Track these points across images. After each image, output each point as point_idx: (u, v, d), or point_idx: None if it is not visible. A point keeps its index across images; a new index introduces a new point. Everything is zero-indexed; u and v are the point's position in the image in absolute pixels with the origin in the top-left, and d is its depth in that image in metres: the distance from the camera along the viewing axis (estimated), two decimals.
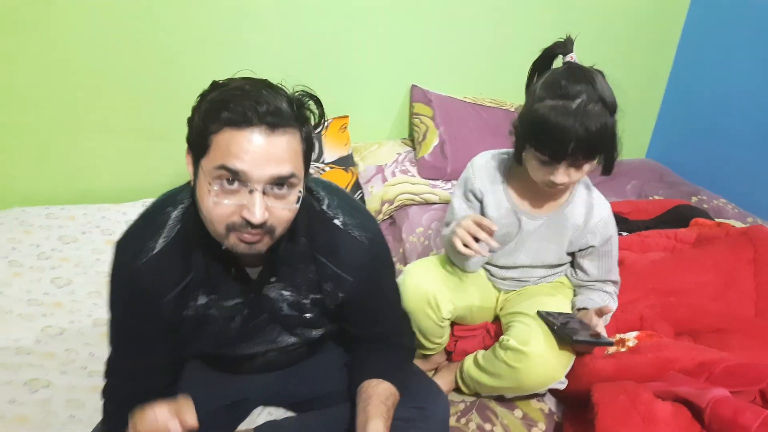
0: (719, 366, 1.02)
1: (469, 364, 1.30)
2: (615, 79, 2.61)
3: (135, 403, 0.92)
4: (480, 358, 1.27)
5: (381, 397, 1.00)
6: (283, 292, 0.99)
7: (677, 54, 2.60)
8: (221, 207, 0.78)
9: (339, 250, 0.97)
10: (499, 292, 1.42)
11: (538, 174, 1.13)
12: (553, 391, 1.24)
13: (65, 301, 1.56)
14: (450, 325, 1.37)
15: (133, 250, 0.88)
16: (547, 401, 1.27)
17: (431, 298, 1.24)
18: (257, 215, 0.76)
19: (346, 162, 2.13)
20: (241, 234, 0.80)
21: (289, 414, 1.24)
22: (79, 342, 1.44)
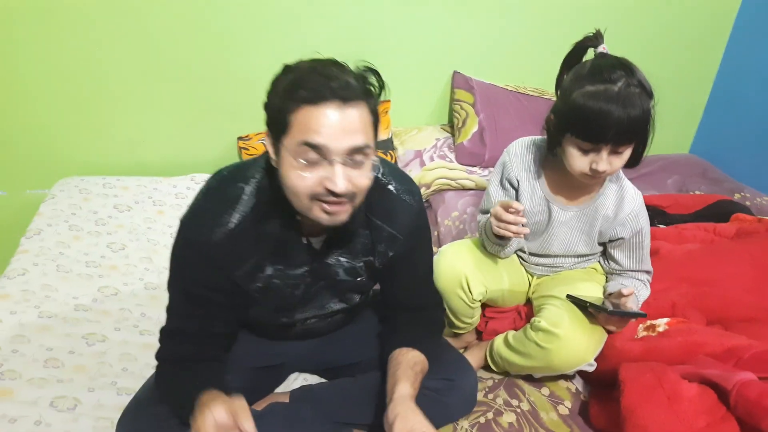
0: (748, 352, 1.03)
1: (499, 343, 1.33)
2: (663, 74, 2.58)
3: (190, 370, 1.01)
4: (510, 338, 1.30)
5: (410, 363, 1.05)
6: (341, 258, 1.05)
7: (727, 49, 2.54)
8: (306, 180, 0.84)
9: (393, 212, 1.05)
10: (532, 276, 1.44)
11: (578, 163, 1.12)
12: (581, 373, 1.26)
13: (120, 265, 1.66)
14: (481, 307, 1.40)
15: (208, 224, 0.94)
16: (575, 381, 1.30)
17: (463, 279, 1.28)
18: (339, 185, 0.83)
19: (385, 145, 2.17)
20: (324, 205, 0.86)
21: (322, 381, 1.30)
22: (132, 303, 1.53)
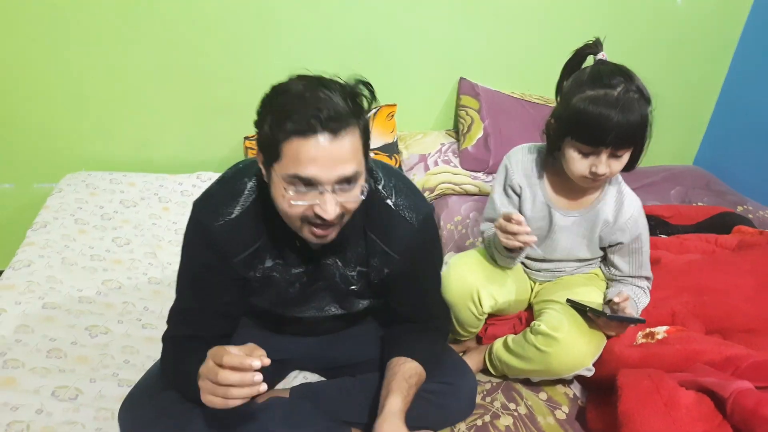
0: (746, 361, 1.03)
1: (499, 346, 1.33)
2: (668, 85, 2.58)
3: (193, 349, 1.00)
4: (510, 341, 1.30)
5: (405, 375, 1.06)
6: (338, 262, 1.06)
7: (733, 62, 2.54)
8: (296, 207, 0.86)
9: (389, 229, 1.03)
10: (535, 282, 1.45)
11: (577, 167, 1.14)
12: (579, 378, 1.27)
13: (124, 259, 1.68)
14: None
15: (212, 211, 0.98)
16: (573, 386, 1.30)
17: (474, 292, 1.28)
18: (329, 213, 0.85)
19: (390, 149, 2.19)
20: (313, 228, 0.89)
21: (323, 379, 1.31)
22: (136, 296, 1.55)
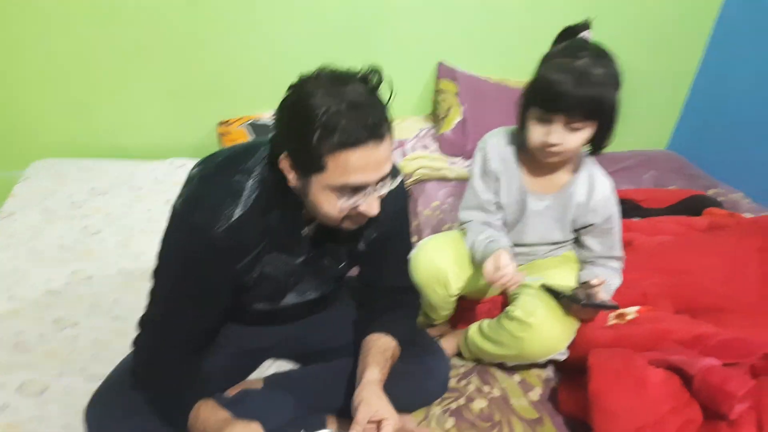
0: (713, 339, 1.05)
1: (474, 331, 1.34)
2: (643, 70, 2.60)
3: (176, 364, 1.00)
4: (485, 326, 1.31)
5: (380, 349, 1.06)
6: (328, 243, 1.05)
7: (707, 48, 2.57)
8: (341, 209, 0.88)
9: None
10: None
11: (534, 135, 1.15)
12: (552, 360, 1.28)
13: (94, 249, 1.64)
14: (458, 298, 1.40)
15: (209, 216, 0.91)
16: (546, 369, 1.32)
17: (442, 275, 1.27)
18: (375, 212, 0.89)
19: None
20: (354, 220, 0.92)
21: (297, 367, 1.30)
22: (106, 288, 1.51)
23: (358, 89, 0.83)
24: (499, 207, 1.32)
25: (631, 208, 1.86)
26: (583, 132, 1.12)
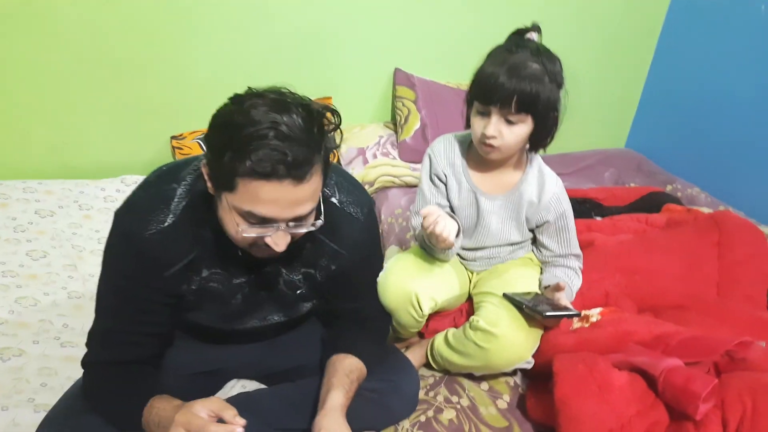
0: (675, 338, 1.05)
1: (440, 342, 1.31)
2: (598, 71, 2.65)
3: (126, 372, 0.96)
4: (450, 336, 1.29)
5: (346, 370, 1.03)
6: (282, 269, 1.01)
7: (658, 47, 2.63)
8: (245, 237, 0.84)
9: (337, 227, 1.00)
10: (472, 273, 1.44)
11: (474, 128, 1.17)
12: (519, 368, 1.26)
13: (40, 274, 1.56)
14: None
15: (140, 219, 0.90)
16: (513, 376, 1.30)
17: (413, 297, 1.23)
18: (281, 248, 0.84)
19: None
20: (262, 250, 0.87)
21: (262, 387, 1.25)
22: (53, 313, 1.44)
23: (295, 121, 0.76)
24: (451, 210, 1.32)
25: (593, 206, 1.88)
26: (520, 126, 1.14)
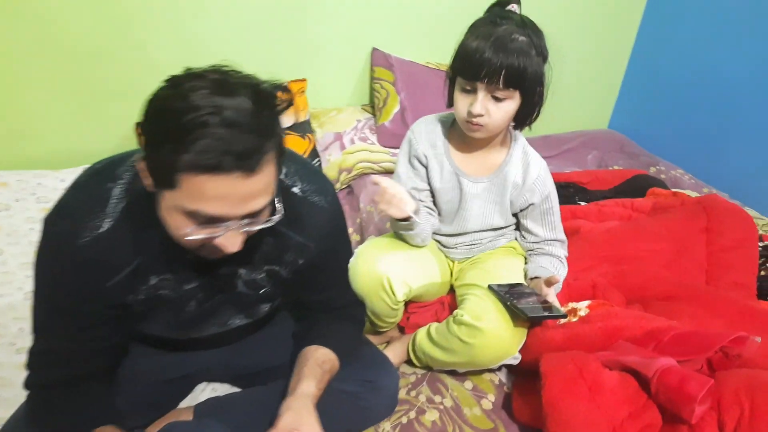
0: (667, 334, 1.01)
1: (422, 337, 1.26)
2: (581, 52, 2.60)
3: (73, 394, 0.88)
4: (433, 331, 1.24)
5: (318, 361, 0.98)
6: (239, 269, 0.93)
7: (640, 28, 2.60)
8: (192, 239, 0.73)
9: (301, 218, 0.92)
10: (453, 262, 1.39)
11: (459, 107, 1.13)
12: (505, 364, 1.22)
13: None
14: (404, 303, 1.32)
15: (74, 225, 0.79)
16: (498, 373, 1.26)
17: (385, 281, 1.18)
18: (233, 249, 0.76)
19: (303, 128, 2.04)
20: (211, 250, 0.77)
21: (234, 389, 1.19)
22: (9, 316, 1.35)
23: (243, 105, 0.66)
24: (429, 194, 1.29)
25: (577, 191, 1.84)
26: (507, 103, 1.10)
